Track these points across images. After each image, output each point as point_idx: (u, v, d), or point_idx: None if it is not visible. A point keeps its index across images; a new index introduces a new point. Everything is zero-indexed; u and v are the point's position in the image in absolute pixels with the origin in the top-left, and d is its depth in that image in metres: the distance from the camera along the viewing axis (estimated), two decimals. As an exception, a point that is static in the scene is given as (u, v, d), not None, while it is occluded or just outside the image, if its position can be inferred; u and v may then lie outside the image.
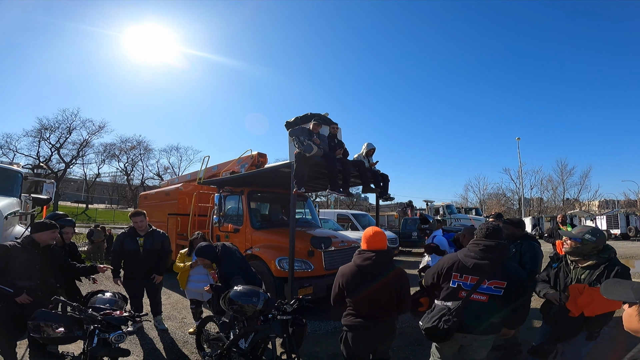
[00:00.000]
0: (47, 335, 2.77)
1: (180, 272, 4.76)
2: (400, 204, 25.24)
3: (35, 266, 3.46)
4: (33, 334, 2.80)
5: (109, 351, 2.68)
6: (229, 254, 3.75)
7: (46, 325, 2.74)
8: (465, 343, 2.64)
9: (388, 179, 6.80)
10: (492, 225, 2.70)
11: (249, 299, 3.02)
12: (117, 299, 3.21)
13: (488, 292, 2.54)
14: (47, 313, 2.88)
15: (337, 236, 6.64)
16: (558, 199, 42.05)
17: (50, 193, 6.27)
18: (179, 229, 8.23)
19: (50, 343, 3.18)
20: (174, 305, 6.21)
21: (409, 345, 4.62)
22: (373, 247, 2.81)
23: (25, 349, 3.80)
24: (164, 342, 4.53)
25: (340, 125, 6.79)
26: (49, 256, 3.62)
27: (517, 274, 2.61)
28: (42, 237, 3.51)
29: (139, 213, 4.88)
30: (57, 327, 2.74)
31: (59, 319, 2.81)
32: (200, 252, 3.71)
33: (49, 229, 3.56)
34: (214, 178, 7.84)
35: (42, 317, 2.79)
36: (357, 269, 2.76)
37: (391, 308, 2.82)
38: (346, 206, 38.33)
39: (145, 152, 43.75)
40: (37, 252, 3.50)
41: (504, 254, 2.61)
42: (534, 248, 3.86)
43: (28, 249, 3.47)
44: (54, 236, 3.65)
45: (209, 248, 3.76)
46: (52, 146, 35.61)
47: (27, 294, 3.32)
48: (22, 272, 3.38)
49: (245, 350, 3.10)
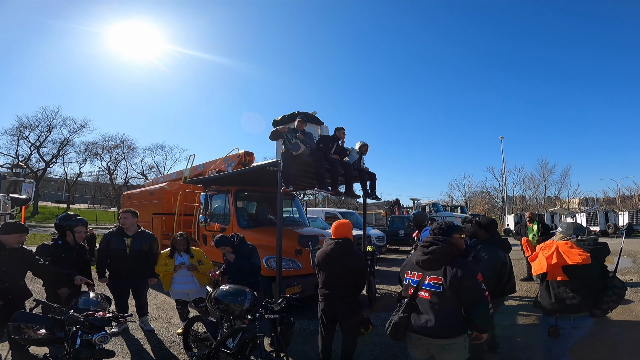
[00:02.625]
0: (29, 337, 2.73)
1: (162, 273, 4.65)
2: (388, 203, 25.50)
3: (3, 268, 3.32)
4: (14, 336, 2.76)
5: (92, 352, 2.63)
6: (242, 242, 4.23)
7: (27, 327, 2.70)
8: (429, 347, 2.49)
9: (375, 178, 6.86)
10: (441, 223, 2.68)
11: (236, 298, 3.01)
12: (100, 300, 3.15)
13: (429, 288, 2.44)
14: (27, 314, 2.84)
15: (325, 235, 6.64)
16: (540, 197, 43.14)
17: (30, 193, 6.09)
18: (164, 229, 8.09)
19: (32, 344, 3.11)
20: (160, 306, 6.13)
21: (397, 344, 4.64)
22: (338, 235, 3.54)
23: (7, 351, 3.67)
24: (151, 343, 4.46)
25: (327, 124, 6.81)
26: (18, 258, 3.48)
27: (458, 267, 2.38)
28: (8, 240, 3.38)
29: (127, 210, 4.77)
30: (38, 329, 2.70)
31: (40, 320, 2.76)
32: (221, 242, 4.06)
33: (16, 232, 3.43)
34: (199, 177, 7.75)
35: (22, 319, 2.75)
36: (324, 253, 3.51)
37: (350, 284, 3.48)
38: (334, 204, 38.47)
39: (129, 151, 42.67)
40: (4, 254, 3.36)
41: (444, 249, 2.44)
42: (490, 254, 3.53)
43: None
44: (21, 240, 3.51)
45: (227, 238, 4.14)
46: (31, 145, 34.52)
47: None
48: None
49: (233, 350, 3.09)
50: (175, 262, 4.60)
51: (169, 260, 4.63)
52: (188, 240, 4.83)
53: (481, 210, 38.42)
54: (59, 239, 4.13)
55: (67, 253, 4.07)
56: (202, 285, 4.71)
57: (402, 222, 16.41)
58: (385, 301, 6.75)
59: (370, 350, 4.34)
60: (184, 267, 4.59)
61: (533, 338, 4.70)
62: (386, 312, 5.94)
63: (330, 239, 3.57)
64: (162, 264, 4.64)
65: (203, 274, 4.72)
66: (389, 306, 6.30)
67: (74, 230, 4.14)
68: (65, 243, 4.12)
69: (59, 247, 4.07)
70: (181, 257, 4.65)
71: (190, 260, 4.66)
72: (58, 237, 4.18)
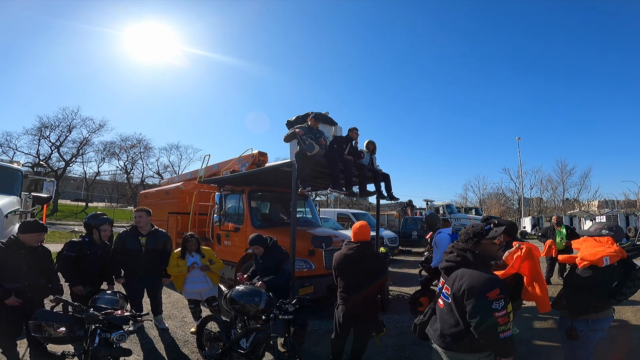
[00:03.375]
0: (49, 335, 2.77)
1: (175, 275, 4.65)
2: (400, 204, 25.23)
3: (22, 267, 3.40)
4: (34, 334, 2.79)
5: (110, 351, 2.67)
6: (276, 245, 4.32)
7: (47, 325, 2.74)
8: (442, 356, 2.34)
9: (389, 178, 6.80)
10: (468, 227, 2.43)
11: (251, 298, 3.02)
12: (118, 299, 3.21)
13: (443, 297, 2.35)
14: (48, 313, 2.88)
15: (338, 235, 6.63)
16: (558, 199, 42.04)
17: (51, 191, 6.27)
18: (179, 228, 8.19)
19: (52, 343, 3.16)
20: (174, 305, 6.20)
21: (410, 345, 4.64)
22: (357, 238, 3.52)
23: (25, 348, 3.78)
24: (165, 342, 4.51)
25: (341, 124, 6.79)
26: (37, 257, 3.57)
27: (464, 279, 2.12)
28: (27, 239, 3.45)
29: (140, 209, 4.83)
30: (59, 327, 2.74)
31: (61, 318, 2.81)
32: (255, 241, 4.14)
33: (34, 231, 3.49)
34: (214, 177, 7.83)
35: (44, 317, 2.78)
36: (344, 256, 3.49)
37: (367, 286, 3.41)
38: (346, 205, 38.33)
39: (145, 151, 43.69)
40: (24, 253, 3.44)
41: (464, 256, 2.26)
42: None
43: (13, 250, 3.40)
44: (40, 239, 3.59)
45: (262, 237, 4.22)
46: (52, 144, 35.61)
47: (15, 296, 3.29)
48: (9, 273, 3.33)
49: (247, 350, 3.10)
50: (187, 262, 4.62)
51: (181, 262, 4.64)
52: (199, 240, 4.86)
53: (496, 212, 37.65)
54: (86, 236, 4.31)
55: (92, 250, 4.23)
56: (214, 285, 4.75)
57: (415, 223, 16.23)
58: (398, 303, 6.68)
59: (382, 352, 4.31)
60: (197, 267, 4.61)
61: (549, 341, 4.63)
62: (398, 314, 5.88)
63: (350, 242, 3.55)
64: (174, 265, 4.64)
65: (215, 273, 4.75)
66: (401, 308, 6.23)
67: (100, 228, 4.32)
68: (92, 241, 4.29)
69: (85, 244, 4.24)
70: (192, 257, 4.68)
71: (202, 260, 4.68)
72: (86, 234, 4.36)
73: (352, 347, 3.62)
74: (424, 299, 5.93)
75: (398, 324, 5.47)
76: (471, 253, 2.25)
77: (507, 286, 3.04)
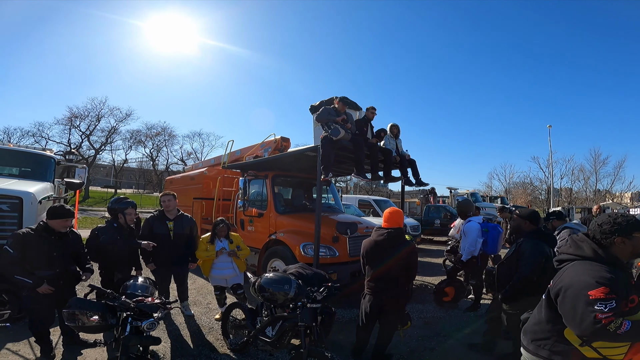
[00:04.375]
0: (82, 324, 2.73)
1: (202, 259, 4.64)
2: (423, 191, 24.69)
3: (53, 254, 3.34)
4: (68, 323, 2.77)
5: (140, 340, 2.65)
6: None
7: (81, 314, 2.71)
8: None
9: (415, 163, 6.55)
10: (615, 215, 1.87)
11: (281, 286, 2.95)
12: (148, 285, 3.20)
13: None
14: (82, 301, 2.85)
15: (362, 222, 6.49)
16: (589, 190, 39.95)
17: (83, 177, 6.41)
18: (203, 213, 8.30)
19: (85, 332, 3.13)
20: (199, 290, 6.27)
21: (434, 336, 4.52)
22: (390, 224, 3.35)
23: (58, 336, 3.84)
24: (190, 329, 4.52)
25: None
26: (67, 243, 3.51)
27: (565, 275, 1.85)
28: (54, 224, 3.35)
29: (167, 193, 4.80)
30: (92, 316, 2.71)
31: (94, 307, 2.77)
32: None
33: (61, 216, 3.37)
34: (237, 162, 7.83)
35: (78, 306, 2.75)
36: (374, 243, 3.34)
37: (401, 276, 3.34)
38: (365, 192, 38.00)
39: (170, 138, 44.61)
40: (54, 239, 3.37)
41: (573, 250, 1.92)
42: (535, 248, 3.20)
43: (44, 236, 3.31)
44: (67, 224, 3.46)
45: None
46: (82, 133, 36.75)
47: (47, 284, 3.25)
48: (40, 260, 3.28)
49: (273, 339, 3.05)
50: (216, 247, 4.60)
51: (210, 246, 4.62)
52: (229, 226, 4.83)
53: (522, 202, 36.27)
54: (114, 222, 4.24)
55: (121, 235, 4.17)
56: (240, 272, 4.73)
57: (439, 211, 15.89)
58: (421, 293, 6.53)
59: (406, 342, 4.22)
60: (225, 252, 4.59)
61: None
62: (422, 304, 5.74)
63: (381, 228, 3.39)
64: (202, 249, 4.62)
65: (242, 260, 4.74)
66: (425, 298, 6.09)
67: (124, 212, 4.23)
68: (120, 225, 4.23)
69: (114, 229, 4.16)
70: (221, 242, 4.66)
71: (230, 246, 4.66)
72: (112, 219, 4.29)
73: (377, 338, 3.52)
74: (449, 288, 5.75)
75: (422, 314, 5.35)
76: (617, 247, 1.79)
77: None
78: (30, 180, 5.82)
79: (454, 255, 5.96)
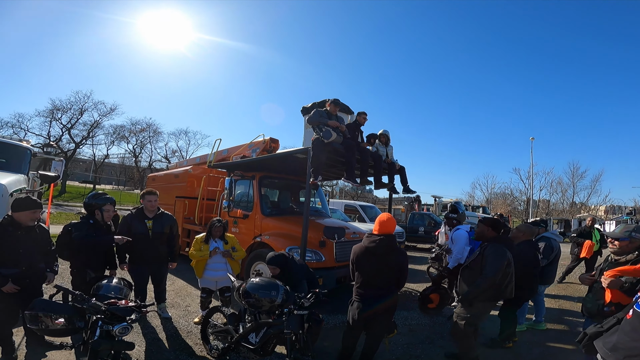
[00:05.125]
0: (46, 327, 2.54)
1: (196, 259, 4.46)
2: (408, 198, 24.96)
3: (19, 250, 3.10)
4: (30, 325, 2.57)
5: (112, 344, 2.47)
6: (295, 263, 3.77)
7: (45, 316, 2.51)
8: None
9: (405, 171, 6.56)
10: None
11: (268, 292, 2.83)
12: (122, 287, 3.03)
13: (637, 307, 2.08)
14: (46, 302, 2.64)
15: (349, 227, 6.43)
16: (566, 202, 41.31)
17: (59, 171, 6.13)
18: (185, 212, 8.08)
19: (49, 335, 2.94)
20: (177, 292, 6.04)
21: (419, 344, 4.50)
22: (382, 230, 3.29)
23: (22, 337, 3.60)
24: (167, 332, 4.34)
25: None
26: (34, 238, 3.25)
27: None
28: (21, 217, 3.10)
29: (153, 192, 4.59)
30: (57, 318, 2.52)
31: (60, 309, 2.58)
32: (273, 261, 3.55)
33: (27, 208, 3.11)
34: (224, 161, 7.67)
35: (42, 307, 2.55)
36: (365, 249, 3.28)
37: (391, 283, 3.30)
38: (350, 197, 38.05)
39: (155, 135, 43.62)
40: (20, 234, 3.11)
41: None
42: (498, 252, 3.38)
43: (9, 231, 3.06)
44: (35, 217, 3.21)
45: (282, 258, 3.60)
46: (63, 126, 35.55)
47: (13, 282, 3.02)
48: (5, 257, 3.04)
49: (256, 346, 2.93)
50: (210, 247, 4.46)
51: (204, 246, 4.47)
52: (225, 226, 4.68)
53: (502, 211, 37.16)
54: (90, 218, 3.95)
55: (97, 233, 3.89)
56: (235, 274, 4.56)
57: (423, 219, 16.04)
58: (405, 300, 6.50)
59: (392, 350, 4.16)
60: (219, 252, 4.44)
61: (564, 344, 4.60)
62: (407, 311, 5.71)
63: (373, 235, 3.32)
64: (196, 249, 4.47)
65: (236, 262, 4.60)
66: (409, 305, 6.06)
67: (102, 209, 3.95)
68: (96, 222, 3.94)
69: (90, 226, 3.87)
70: (216, 242, 4.52)
71: (225, 247, 4.53)
72: (87, 215, 4.00)
73: (364, 345, 3.44)
74: (434, 295, 5.75)
75: (407, 321, 5.31)
76: None
77: None
78: (2, 172, 5.54)
79: (438, 262, 5.97)
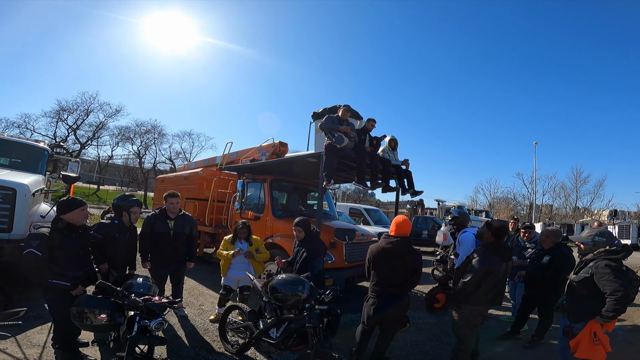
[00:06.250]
0: (90, 323, 2.60)
1: (223, 259, 4.65)
2: (411, 202, 25.08)
3: (79, 252, 3.15)
4: (75, 321, 2.63)
5: (148, 339, 2.58)
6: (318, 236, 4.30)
7: (90, 312, 2.58)
8: None
9: (411, 174, 6.72)
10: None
11: (294, 287, 2.99)
12: (151, 284, 3.11)
13: None
14: (92, 298, 2.71)
15: (358, 229, 6.59)
16: (569, 207, 41.31)
17: (76, 171, 6.30)
18: (196, 214, 8.21)
19: (92, 331, 2.95)
20: (190, 292, 6.16)
21: (427, 341, 4.64)
22: (399, 232, 3.43)
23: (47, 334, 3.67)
24: (185, 329, 4.45)
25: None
26: (86, 239, 3.32)
27: None
28: (74, 218, 3.12)
29: (175, 194, 4.69)
30: (100, 314, 2.59)
31: (104, 304, 2.64)
32: (301, 223, 4.13)
33: (79, 206, 3.14)
34: (233, 164, 7.83)
35: (87, 303, 2.62)
36: (381, 250, 3.42)
37: (405, 282, 3.48)
38: (353, 200, 38.15)
39: (159, 137, 43.69)
40: (76, 237, 3.15)
41: None
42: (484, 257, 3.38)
43: (66, 234, 3.07)
44: (85, 214, 3.24)
45: (308, 222, 4.19)
46: (69, 127, 35.92)
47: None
48: (68, 261, 3.05)
49: (277, 340, 3.07)
50: (235, 248, 4.64)
51: (230, 247, 4.68)
52: (250, 228, 4.86)
53: (505, 216, 37.22)
54: (116, 219, 4.08)
55: (120, 233, 4.01)
56: (257, 275, 4.70)
57: (427, 222, 16.11)
58: (411, 299, 6.60)
59: (401, 347, 4.30)
60: (242, 253, 4.61)
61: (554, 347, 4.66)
62: (413, 311, 5.83)
63: (390, 236, 3.47)
64: (224, 248, 4.70)
65: (259, 263, 4.77)
66: (415, 305, 6.18)
67: (130, 210, 4.07)
68: (121, 223, 4.06)
69: (115, 226, 3.99)
70: (241, 243, 4.71)
71: (249, 248, 4.70)
72: (114, 216, 4.14)
73: (376, 341, 3.59)
74: (440, 295, 5.88)
75: (414, 320, 5.45)
76: None
77: None
78: (22, 172, 5.69)
79: (443, 264, 6.09)
